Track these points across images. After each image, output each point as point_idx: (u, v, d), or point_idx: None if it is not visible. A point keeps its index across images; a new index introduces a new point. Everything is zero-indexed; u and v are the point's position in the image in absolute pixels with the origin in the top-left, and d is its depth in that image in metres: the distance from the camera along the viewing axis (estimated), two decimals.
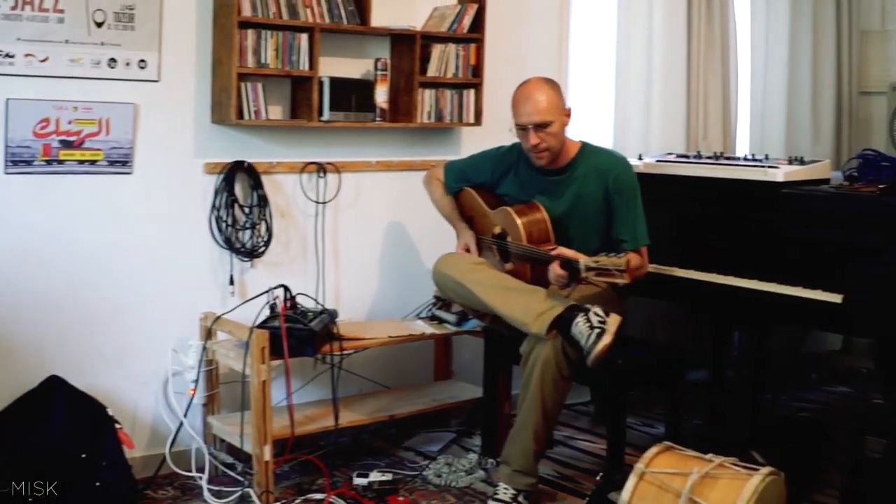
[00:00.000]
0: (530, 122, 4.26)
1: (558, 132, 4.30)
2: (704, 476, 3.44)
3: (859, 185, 4.66)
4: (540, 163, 4.37)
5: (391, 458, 4.76)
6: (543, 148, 4.30)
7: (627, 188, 4.35)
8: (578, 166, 4.41)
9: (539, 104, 4.25)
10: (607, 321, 3.99)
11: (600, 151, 4.49)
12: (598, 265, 3.90)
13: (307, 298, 4.55)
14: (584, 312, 4.01)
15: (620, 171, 4.37)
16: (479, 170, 4.65)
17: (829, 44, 6.59)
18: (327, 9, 4.60)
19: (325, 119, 4.63)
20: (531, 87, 4.31)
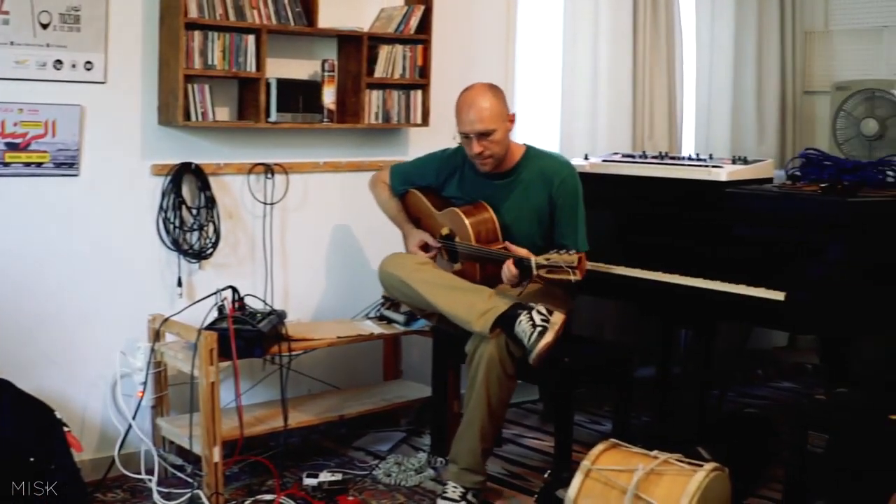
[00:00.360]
0: (473, 131, 4.29)
1: (502, 139, 4.33)
2: (650, 473, 3.49)
3: (801, 185, 4.73)
4: (484, 169, 4.40)
5: (341, 458, 4.77)
6: (487, 155, 4.33)
7: (571, 194, 4.39)
8: (523, 170, 4.44)
9: (482, 112, 4.27)
10: (550, 319, 4.03)
11: (545, 155, 4.52)
12: (549, 262, 3.94)
13: (255, 300, 4.56)
14: (528, 311, 4.04)
15: (565, 176, 4.40)
16: (425, 172, 4.67)
17: (773, 44, 6.66)
18: (274, 10, 4.60)
19: (273, 120, 4.63)
20: (473, 95, 4.32)
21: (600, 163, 5.11)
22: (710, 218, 4.58)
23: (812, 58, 6.98)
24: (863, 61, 6.74)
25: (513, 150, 4.45)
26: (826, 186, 4.42)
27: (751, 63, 6.55)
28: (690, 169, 4.74)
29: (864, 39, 6.75)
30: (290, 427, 4.47)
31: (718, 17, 6.45)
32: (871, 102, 6.14)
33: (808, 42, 6.96)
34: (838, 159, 5.23)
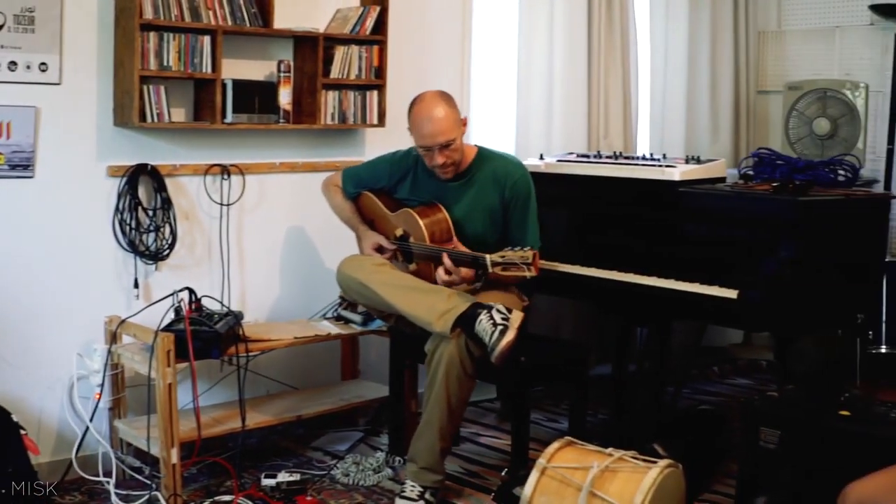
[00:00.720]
0: (435, 144, 4.31)
1: (460, 146, 4.37)
2: (604, 470, 3.52)
3: (754, 184, 4.79)
4: (446, 177, 4.42)
5: (299, 459, 4.77)
6: (449, 164, 4.36)
7: (523, 194, 4.43)
8: (476, 172, 4.47)
9: (440, 124, 4.29)
10: (510, 318, 4.06)
11: (497, 156, 4.54)
12: (504, 259, 3.96)
13: (212, 301, 4.56)
14: (488, 310, 4.07)
15: (517, 177, 4.44)
16: (377, 175, 4.69)
17: (727, 44, 6.72)
18: (230, 11, 4.60)
19: (229, 121, 4.63)
20: (428, 108, 4.32)
21: (555, 163, 5.15)
22: (665, 217, 4.63)
23: (765, 58, 7.06)
24: (815, 61, 6.82)
25: (465, 151, 4.48)
26: (778, 186, 4.48)
27: (705, 63, 6.60)
28: (644, 169, 4.79)
29: (816, 39, 6.83)
30: (248, 428, 4.47)
31: (672, 17, 6.50)
32: (823, 102, 6.21)
33: (761, 42, 7.04)
34: (790, 158, 5.30)
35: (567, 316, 5.85)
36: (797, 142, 6.28)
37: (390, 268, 4.44)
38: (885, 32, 6.48)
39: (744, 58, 6.84)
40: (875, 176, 6.39)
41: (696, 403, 5.70)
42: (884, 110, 6.42)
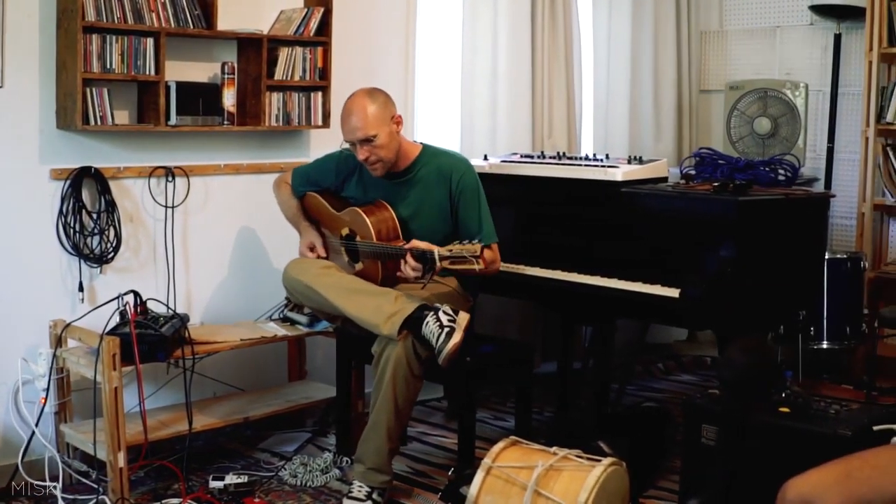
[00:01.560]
0: (355, 139, 4.33)
1: (386, 143, 4.35)
2: (549, 469, 3.56)
3: (695, 184, 4.84)
4: (375, 174, 4.43)
5: (247, 460, 4.77)
6: (374, 161, 4.37)
7: (470, 188, 4.44)
8: (420, 169, 4.49)
9: (360, 120, 4.30)
10: (457, 319, 4.08)
11: (441, 153, 4.56)
12: (452, 253, 3.97)
13: (158, 303, 4.54)
14: (434, 312, 4.09)
15: (463, 172, 4.46)
16: (324, 173, 4.70)
17: (669, 44, 6.78)
18: (173, 13, 4.59)
19: (173, 123, 4.61)
20: (352, 103, 4.35)
21: (499, 163, 5.18)
22: (608, 217, 4.67)
23: (707, 57, 7.14)
24: (757, 61, 6.91)
25: (407, 149, 4.50)
26: (718, 186, 4.53)
27: (647, 62, 6.66)
28: (587, 169, 4.83)
29: (757, 39, 6.92)
30: (195, 430, 4.48)
31: (615, 17, 6.55)
32: (764, 101, 6.29)
33: (703, 42, 7.12)
34: (731, 158, 5.36)
35: (512, 315, 5.89)
36: (738, 141, 6.36)
37: (336, 270, 4.45)
38: (824, 32, 6.58)
39: (686, 58, 6.90)
40: (815, 174, 6.48)
41: (640, 401, 5.75)
42: (824, 109, 6.52)
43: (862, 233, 6.17)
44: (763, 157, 6.03)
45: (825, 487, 2.83)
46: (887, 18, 5.98)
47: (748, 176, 4.98)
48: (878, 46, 5.99)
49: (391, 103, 4.43)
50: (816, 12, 6.46)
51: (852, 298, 5.78)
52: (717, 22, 7.11)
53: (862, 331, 5.82)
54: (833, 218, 6.42)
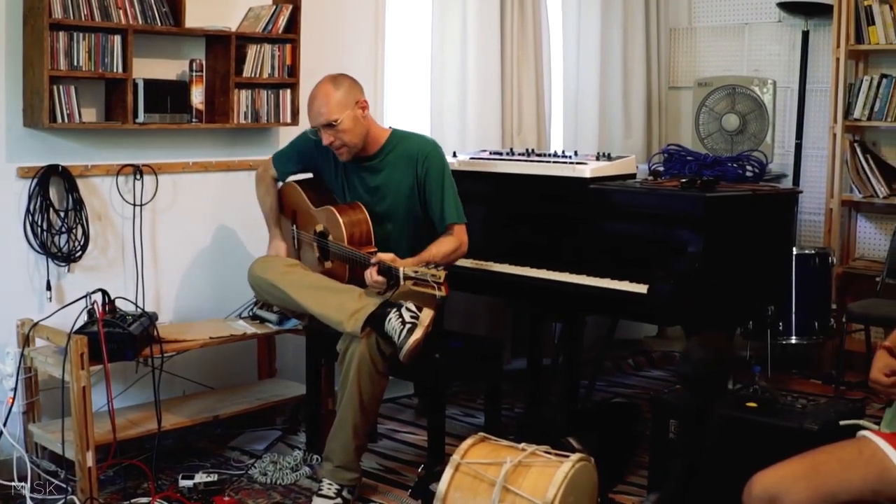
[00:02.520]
0: (318, 124, 4.36)
1: (350, 127, 4.37)
2: (517, 465, 3.56)
3: (663, 180, 4.86)
4: (342, 158, 4.46)
5: (217, 459, 4.76)
6: (339, 145, 4.39)
7: (436, 168, 4.46)
8: (389, 152, 4.51)
9: (322, 105, 4.34)
10: (420, 316, 4.09)
11: (410, 136, 4.59)
12: (416, 275, 3.98)
13: (126, 302, 4.53)
14: (397, 308, 4.10)
15: (429, 153, 4.48)
16: (302, 154, 4.71)
17: (639, 40, 6.80)
18: (140, 10, 4.57)
19: (141, 121, 4.60)
20: (315, 90, 4.40)
21: (468, 160, 5.19)
22: (576, 214, 4.69)
23: (677, 54, 7.17)
24: (725, 57, 6.95)
25: (376, 133, 4.52)
26: (686, 182, 4.55)
27: (617, 59, 6.68)
28: (555, 166, 4.84)
29: (726, 36, 6.95)
30: (165, 429, 4.46)
31: (585, 13, 6.56)
32: (732, 98, 6.33)
33: (672, 38, 7.15)
34: (699, 154, 5.40)
35: (482, 312, 5.90)
36: (707, 137, 6.39)
37: (301, 268, 4.46)
38: (792, 29, 6.62)
39: (655, 54, 6.93)
40: (784, 170, 6.52)
41: (610, 396, 5.78)
42: (792, 106, 6.57)
43: (830, 228, 6.22)
44: (731, 153, 6.06)
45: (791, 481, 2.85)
46: (854, 16, 6.03)
47: (716, 172, 5.02)
48: (845, 43, 6.04)
49: (356, 88, 4.45)
50: (784, 9, 6.50)
51: (820, 294, 5.83)
52: (687, 19, 7.14)
53: (830, 326, 5.87)
54: (801, 214, 6.46)
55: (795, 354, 6.30)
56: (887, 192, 6.04)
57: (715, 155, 5.61)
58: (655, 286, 4.15)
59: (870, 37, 6.01)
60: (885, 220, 6.28)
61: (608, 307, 4.53)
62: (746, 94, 6.31)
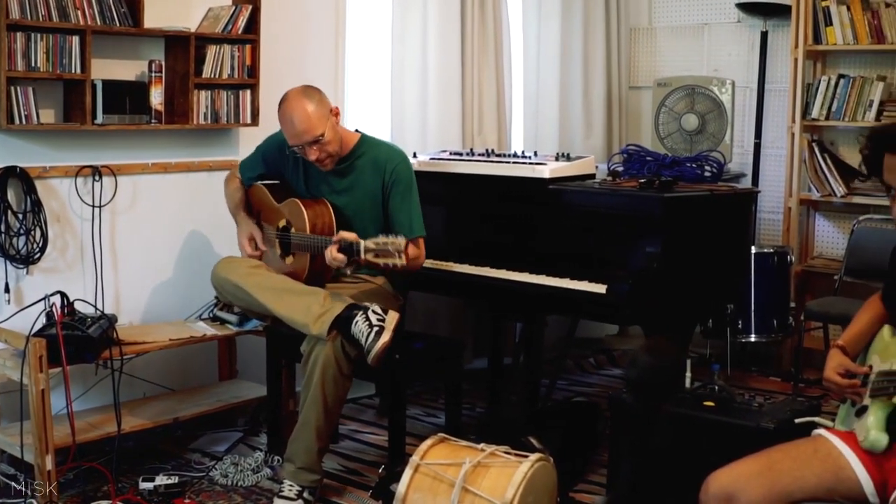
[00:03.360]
0: (303, 143, 4.33)
1: (332, 138, 4.37)
2: (477, 465, 3.57)
3: (622, 180, 4.89)
4: (326, 169, 4.45)
5: (177, 461, 4.74)
6: (324, 158, 4.38)
7: (403, 180, 4.46)
8: (357, 157, 4.51)
9: (304, 123, 4.30)
10: (386, 318, 4.10)
11: (379, 144, 4.59)
12: (377, 246, 3.97)
13: (86, 304, 4.50)
14: (363, 311, 4.10)
15: (398, 163, 4.47)
16: (267, 158, 4.71)
17: (599, 41, 6.82)
18: (99, 11, 4.54)
19: (99, 122, 4.58)
20: (291, 108, 4.33)
21: (428, 161, 5.20)
22: (536, 214, 4.70)
23: (637, 54, 7.20)
24: (685, 57, 6.99)
25: (346, 137, 4.52)
26: (644, 182, 4.58)
27: (577, 59, 6.70)
28: (515, 167, 4.86)
29: (686, 36, 6.99)
30: (125, 431, 4.44)
31: (545, 14, 6.58)
32: (692, 98, 6.37)
33: (632, 38, 7.18)
34: (658, 155, 5.43)
35: (443, 312, 5.91)
36: (667, 137, 6.43)
37: (265, 269, 4.44)
38: (751, 30, 6.67)
39: (616, 54, 6.95)
40: (742, 170, 6.57)
41: (571, 395, 5.80)
42: (751, 105, 6.61)
43: (788, 227, 6.27)
44: (691, 153, 6.10)
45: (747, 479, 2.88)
46: (812, 16, 6.08)
47: (674, 172, 5.04)
48: (803, 44, 6.09)
49: (326, 97, 4.45)
50: (743, 10, 6.55)
51: (779, 292, 5.88)
52: (647, 19, 7.17)
53: (789, 324, 5.92)
54: (760, 212, 6.51)
55: (755, 352, 6.36)
56: (845, 191, 6.09)
57: (674, 155, 5.64)
58: (614, 286, 4.18)
59: (827, 37, 6.06)
60: (843, 218, 6.33)
61: (568, 307, 4.55)
62: (705, 94, 6.35)
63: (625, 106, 7.06)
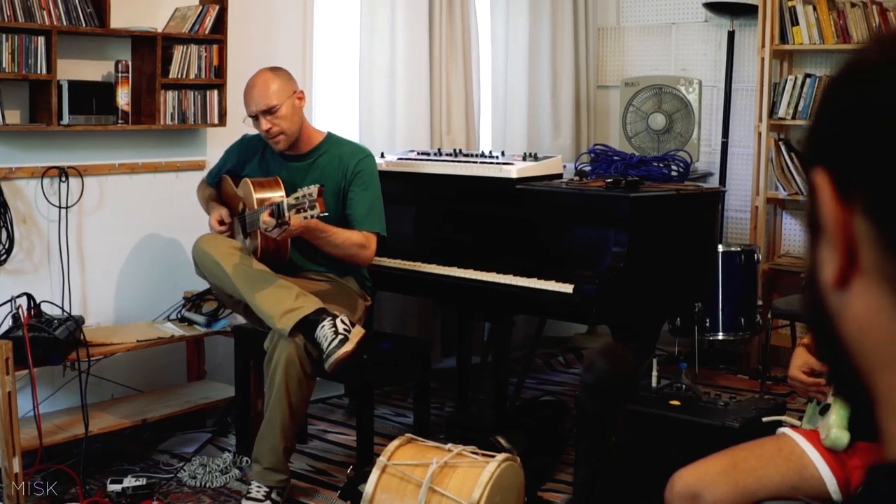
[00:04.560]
0: (258, 110, 4.36)
1: (288, 115, 4.38)
2: (444, 466, 3.59)
3: (589, 180, 4.90)
4: (277, 147, 4.46)
5: (146, 462, 4.73)
6: (276, 132, 4.39)
7: (364, 174, 4.45)
8: (322, 154, 4.51)
9: (262, 90, 4.35)
10: (352, 331, 4.10)
11: (345, 143, 4.59)
12: (297, 201, 3.93)
13: (52, 306, 4.49)
14: (332, 318, 4.09)
15: (360, 159, 4.47)
16: (229, 157, 4.73)
17: (567, 40, 6.84)
18: (64, 11, 4.53)
19: (66, 123, 4.56)
20: (254, 77, 4.42)
21: (396, 161, 5.20)
22: (504, 214, 4.71)
23: (605, 54, 7.22)
24: (653, 57, 7.01)
25: (312, 133, 4.54)
26: (611, 182, 4.60)
27: (545, 58, 6.71)
28: (482, 166, 4.87)
29: (653, 36, 7.01)
30: (92, 433, 4.43)
31: (513, 13, 6.59)
32: (659, 97, 6.39)
33: (600, 38, 7.19)
34: (625, 154, 5.45)
35: (411, 312, 5.91)
36: (634, 136, 6.45)
37: (245, 254, 4.40)
38: (718, 29, 6.69)
39: (584, 54, 6.97)
40: (710, 169, 6.60)
41: (540, 394, 5.80)
42: (718, 105, 6.64)
43: (756, 226, 6.30)
44: (658, 152, 6.13)
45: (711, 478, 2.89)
46: (779, 16, 6.11)
47: (641, 172, 5.07)
48: (770, 43, 6.12)
49: (293, 80, 4.49)
50: (711, 9, 6.57)
51: (747, 290, 5.91)
52: (615, 18, 7.19)
53: (756, 322, 5.95)
54: (727, 211, 6.55)
55: (722, 350, 6.40)
56: None
57: (641, 155, 5.66)
58: (581, 286, 4.19)
59: (794, 37, 6.10)
60: None
61: (535, 307, 4.57)
62: (673, 94, 6.38)
63: (593, 105, 7.08)
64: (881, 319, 0.80)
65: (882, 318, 0.80)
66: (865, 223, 0.79)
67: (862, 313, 0.82)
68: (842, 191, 0.81)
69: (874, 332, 0.81)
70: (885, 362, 0.82)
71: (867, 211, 0.79)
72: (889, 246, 0.78)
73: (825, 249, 0.83)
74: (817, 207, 0.83)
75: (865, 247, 0.80)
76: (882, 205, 0.78)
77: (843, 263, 0.81)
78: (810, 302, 0.87)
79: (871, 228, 0.79)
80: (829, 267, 0.83)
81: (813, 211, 0.84)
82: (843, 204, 0.81)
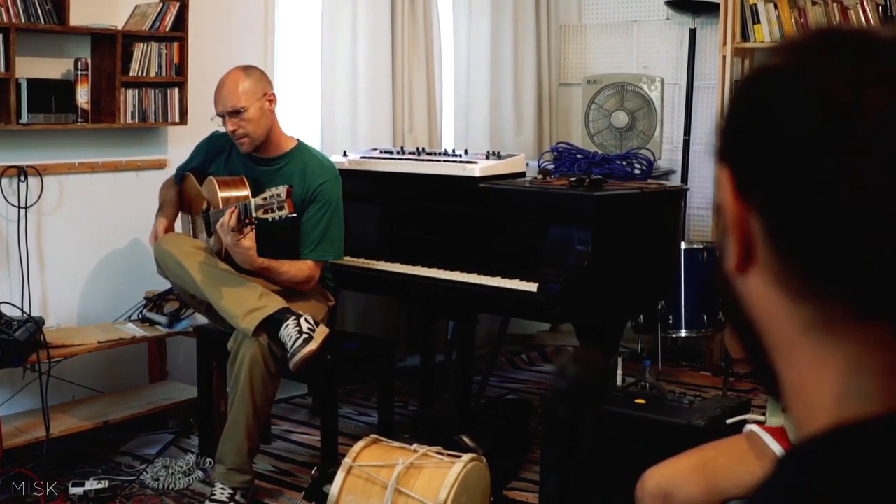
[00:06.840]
0: (224, 110, 4.33)
1: (255, 117, 4.34)
2: (409, 466, 3.58)
3: (552, 179, 4.90)
4: (242, 149, 4.43)
5: (108, 465, 4.69)
6: (241, 134, 4.36)
7: (323, 197, 4.39)
8: (288, 162, 4.47)
9: (230, 90, 4.31)
10: (317, 330, 4.08)
11: (314, 155, 4.54)
12: (265, 201, 3.92)
13: (11, 307, 4.44)
14: (296, 318, 4.07)
15: (325, 180, 4.41)
16: (196, 154, 4.70)
17: (529, 38, 6.84)
18: (23, 8, 4.47)
19: (24, 121, 4.51)
20: (225, 77, 4.38)
21: (358, 159, 5.17)
22: (467, 213, 4.71)
23: (567, 51, 7.23)
24: (615, 55, 7.02)
25: (282, 138, 4.50)
26: (574, 181, 4.60)
27: (508, 56, 6.71)
28: (445, 165, 4.86)
29: (615, 34, 7.02)
30: (54, 435, 4.38)
31: (476, 10, 6.58)
32: (621, 95, 6.41)
33: (563, 35, 7.20)
34: (588, 152, 5.44)
35: (374, 311, 5.90)
36: (597, 134, 6.46)
37: (208, 254, 4.36)
38: (680, 27, 6.71)
39: (546, 51, 6.97)
40: (672, 166, 6.62)
41: (504, 392, 5.81)
42: (680, 102, 6.66)
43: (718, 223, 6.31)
44: (621, 150, 6.14)
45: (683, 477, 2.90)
46: (740, 14, 6.13)
47: (605, 170, 5.06)
48: (731, 41, 6.14)
49: (266, 81, 4.45)
50: (672, 7, 6.59)
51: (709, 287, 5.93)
52: (577, 16, 7.20)
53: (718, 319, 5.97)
54: (690, 209, 6.56)
55: (686, 347, 6.42)
56: None
57: (604, 153, 5.67)
58: (545, 285, 4.19)
59: (755, 35, 6.12)
60: None
61: (499, 306, 4.56)
62: (635, 92, 6.39)
63: (555, 103, 7.09)
64: (774, 309, 0.87)
65: (774, 308, 0.87)
66: (758, 222, 0.86)
67: (758, 301, 0.89)
68: (741, 189, 0.87)
69: (770, 319, 0.88)
70: (780, 347, 0.88)
71: (760, 212, 0.86)
72: (776, 247, 0.85)
73: (727, 239, 0.90)
74: (721, 201, 0.90)
75: (758, 243, 0.87)
76: (772, 209, 0.86)
77: (741, 254, 0.88)
78: (721, 285, 0.94)
79: (762, 228, 0.86)
80: (730, 255, 0.89)
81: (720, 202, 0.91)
82: (741, 201, 0.87)
